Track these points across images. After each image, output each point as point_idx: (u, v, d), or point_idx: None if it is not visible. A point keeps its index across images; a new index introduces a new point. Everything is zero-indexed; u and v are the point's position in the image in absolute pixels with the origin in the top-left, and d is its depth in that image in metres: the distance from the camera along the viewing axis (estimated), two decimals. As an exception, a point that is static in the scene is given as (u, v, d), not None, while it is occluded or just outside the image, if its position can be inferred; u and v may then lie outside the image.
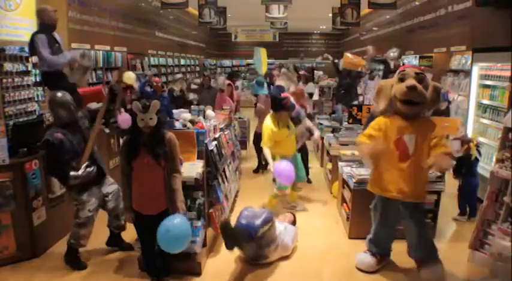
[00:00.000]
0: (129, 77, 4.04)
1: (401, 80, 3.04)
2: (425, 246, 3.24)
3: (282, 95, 4.24)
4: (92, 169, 3.38)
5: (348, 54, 6.56)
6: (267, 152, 4.26)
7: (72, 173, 3.26)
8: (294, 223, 4.00)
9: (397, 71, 3.19)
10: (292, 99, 4.30)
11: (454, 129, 3.97)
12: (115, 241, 3.82)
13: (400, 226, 3.40)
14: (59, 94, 3.37)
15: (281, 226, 3.68)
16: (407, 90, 2.94)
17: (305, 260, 3.63)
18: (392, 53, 4.84)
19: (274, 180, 4.38)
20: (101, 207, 3.59)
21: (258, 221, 3.33)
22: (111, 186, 3.63)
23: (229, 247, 3.30)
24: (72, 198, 3.46)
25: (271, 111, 4.37)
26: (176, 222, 2.86)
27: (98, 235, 3.89)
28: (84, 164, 3.33)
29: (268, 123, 4.28)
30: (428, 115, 3.41)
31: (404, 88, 2.96)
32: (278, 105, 4.23)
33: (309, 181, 5.65)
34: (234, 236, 3.28)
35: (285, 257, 3.63)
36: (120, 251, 3.76)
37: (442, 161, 2.87)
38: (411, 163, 3.04)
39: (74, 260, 3.51)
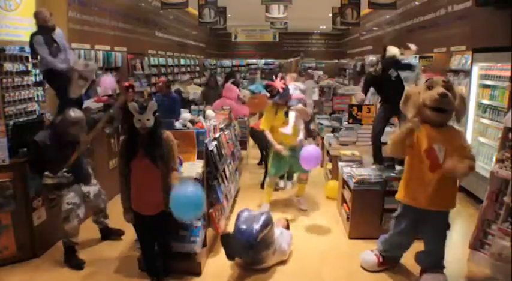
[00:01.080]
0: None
1: (430, 88, 2.98)
2: (436, 256, 3.20)
3: (266, 83, 4.65)
4: (69, 175, 3.44)
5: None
6: (267, 134, 4.47)
7: (46, 173, 3.38)
8: (287, 227, 3.93)
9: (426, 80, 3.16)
10: (279, 87, 4.38)
11: None
12: (107, 235, 3.94)
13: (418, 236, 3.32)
14: (72, 113, 3.44)
15: (277, 230, 3.64)
16: (439, 97, 2.89)
17: (305, 260, 3.63)
18: (371, 59, 4.70)
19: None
20: (83, 203, 3.64)
21: (257, 226, 3.26)
22: (93, 187, 3.71)
23: (230, 257, 3.35)
24: (50, 197, 3.57)
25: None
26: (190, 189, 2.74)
27: (98, 235, 3.90)
28: (64, 169, 3.41)
29: (267, 109, 4.56)
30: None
31: (435, 95, 2.89)
32: (269, 92, 4.53)
33: None
34: (234, 247, 3.27)
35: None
36: (121, 250, 3.77)
37: (459, 167, 2.81)
38: (441, 172, 2.96)
39: (70, 259, 3.53)
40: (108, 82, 5.05)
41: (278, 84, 4.37)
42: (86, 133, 3.59)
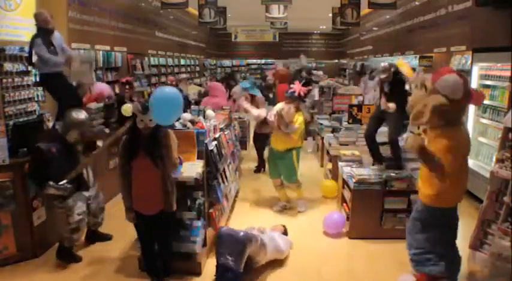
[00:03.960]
0: (127, 109, 4.15)
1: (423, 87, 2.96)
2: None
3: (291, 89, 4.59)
4: (70, 186, 3.40)
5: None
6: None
7: (50, 182, 3.32)
8: (285, 233, 3.88)
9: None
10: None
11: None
12: (93, 237, 3.92)
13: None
14: (74, 114, 3.47)
15: (274, 233, 3.61)
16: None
17: (305, 260, 3.63)
18: (383, 65, 4.67)
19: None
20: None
21: (234, 257, 3.08)
22: (92, 189, 3.72)
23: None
24: (57, 206, 3.48)
25: None
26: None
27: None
28: (65, 181, 3.37)
29: (299, 114, 4.51)
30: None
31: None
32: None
33: None
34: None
35: (286, 257, 3.63)
36: (121, 250, 3.77)
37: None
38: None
39: (68, 255, 3.55)
40: (104, 88, 5.12)
41: (299, 88, 4.47)
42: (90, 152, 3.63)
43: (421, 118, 2.80)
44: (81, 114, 3.53)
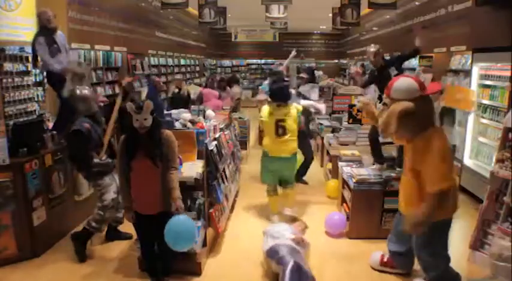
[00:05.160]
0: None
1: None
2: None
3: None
4: (111, 160, 3.57)
5: None
6: None
7: (95, 159, 3.47)
8: (304, 230, 3.65)
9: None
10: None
11: (468, 103, 3.41)
12: (114, 234, 3.91)
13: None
14: (78, 90, 3.56)
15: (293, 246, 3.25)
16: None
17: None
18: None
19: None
20: None
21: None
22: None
23: None
24: (95, 184, 3.61)
25: None
26: (179, 221, 2.93)
27: (98, 235, 3.90)
28: (104, 155, 3.55)
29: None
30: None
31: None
32: None
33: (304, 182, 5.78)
34: None
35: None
36: (121, 250, 3.77)
37: None
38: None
39: (82, 248, 3.60)
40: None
41: None
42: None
43: (390, 126, 2.71)
44: (84, 90, 3.60)
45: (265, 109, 4.31)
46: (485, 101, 5.11)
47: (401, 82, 2.76)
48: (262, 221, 4.45)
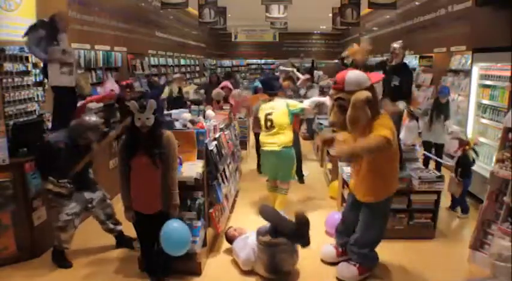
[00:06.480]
0: None
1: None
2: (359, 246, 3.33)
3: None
4: (70, 186, 3.40)
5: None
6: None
7: (50, 178, 3.32)
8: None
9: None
10: None
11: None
12: (121, 242, 3.83)
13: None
14: (87, 118, 3.52)
15: None
16: None
17: (305, 260, 3.62)
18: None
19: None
20: (85, 211, 3.61)
21: None
22: (97, 193, 3.65)
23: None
24: (51, 201, 3.47)
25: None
26: (173, 227, 2.99)
27: (98, 235, 3.89)
28: (66, 180, 3.36)
29: None
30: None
31: None
32: None
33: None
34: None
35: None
36: (121, 250, 3.77)
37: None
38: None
39: (59, 259, 3.52)
40: (110, 85, 5.23)
41: None
42: (97, 142, 3.62)
43: (360, 117, 2.83)
44: (94, 118, 3.58)
45: (258, 104, 4.61)
46: (485, 101, 5.11)
47: (352, 74, 2.92)
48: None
